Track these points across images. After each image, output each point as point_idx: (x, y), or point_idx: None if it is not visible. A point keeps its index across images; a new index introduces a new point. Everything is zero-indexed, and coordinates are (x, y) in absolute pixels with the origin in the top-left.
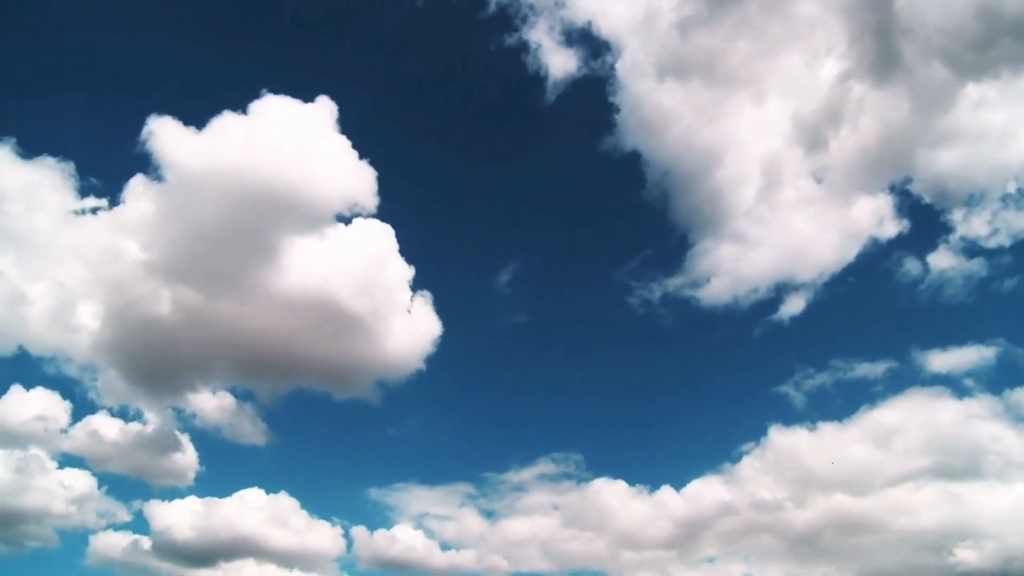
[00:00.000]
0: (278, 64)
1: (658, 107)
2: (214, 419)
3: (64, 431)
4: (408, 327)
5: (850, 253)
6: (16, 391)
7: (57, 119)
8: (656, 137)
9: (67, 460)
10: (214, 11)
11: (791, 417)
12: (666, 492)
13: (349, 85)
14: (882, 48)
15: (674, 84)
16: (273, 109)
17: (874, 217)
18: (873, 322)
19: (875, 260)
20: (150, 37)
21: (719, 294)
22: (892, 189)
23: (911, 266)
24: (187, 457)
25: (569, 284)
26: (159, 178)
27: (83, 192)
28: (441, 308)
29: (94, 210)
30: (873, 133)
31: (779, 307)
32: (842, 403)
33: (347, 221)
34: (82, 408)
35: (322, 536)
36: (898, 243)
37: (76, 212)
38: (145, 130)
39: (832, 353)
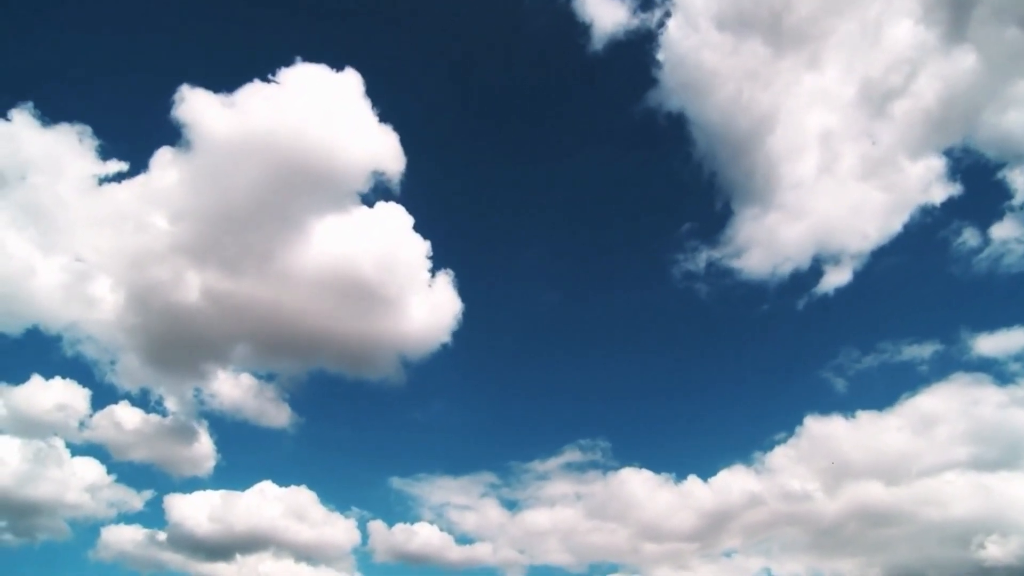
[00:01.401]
0: (307, 30)
1: (709, 65)
2: (235, 403)
3: (82, 421)
4: (431, 304)
5: (903, 223)
6: (36, 379)
7: (80, 85)
8: (704, 97)
9: (83, 450)
10: None
11: (830, 405)
12: (693, 482)
13: (379, 46)
14: (956, 11)
15: (730, 40)
16: (301, 78)
17: (933, 187)
18: (922, 300)
19: (930, 230)
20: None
21: (762, 269)
22: (950, 154)
23: (969, 236)
24: (206, 448)
25: (603, 258)
26: (186, 148)
27: (106, 162)
28: (464, 286)
29: (118, 178)
30: (939, 100)
31: (825, 282)
32: (884, 390)
33: (373, 193)
34: (101, 394)
35: (341, 529)
36: (956, 212)
37: (98, 182)
38: (172, 99)
39: (879, 335)
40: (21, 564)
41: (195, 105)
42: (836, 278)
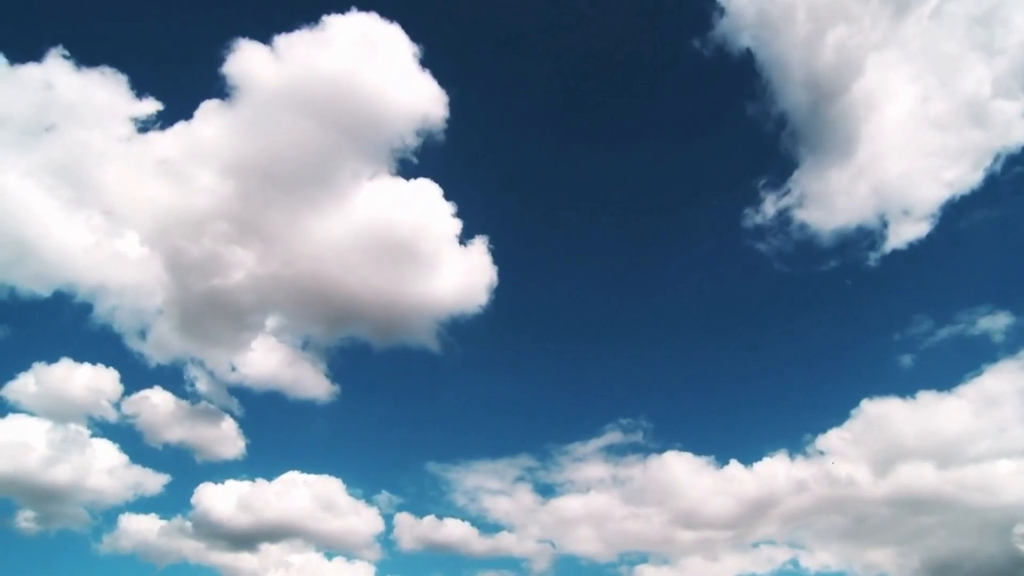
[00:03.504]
0: None
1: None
2: (268, 375)
3: (113, 404)
4: (466, 271)
5: (989, 170)
6: (66, 361)
7: (114, 27)
8: (777, 36)
9: (109, 435)
10: None
11: (890, 385)
12: (735, 467)
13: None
14: None
15: None
16: (348, 26)
17: None
18: (1003, 261)
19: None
20: None
21: (831, 224)
22: None
23: None
24: (234, 435)
25: (652, 221)
26: (227, 100)
27: (143, 113)
28: (501, 253)
29: (154, 129)
30: None
31: (898, 238)
32: (951, 367)
33: (413, 154)
34: (130, 375)
35: (368, 519)
36: None
37: (133, 134)
38: (214, 47)
39: (956, 304)
40: (39, 553)
41: (240, 55)
42: (911, 231)
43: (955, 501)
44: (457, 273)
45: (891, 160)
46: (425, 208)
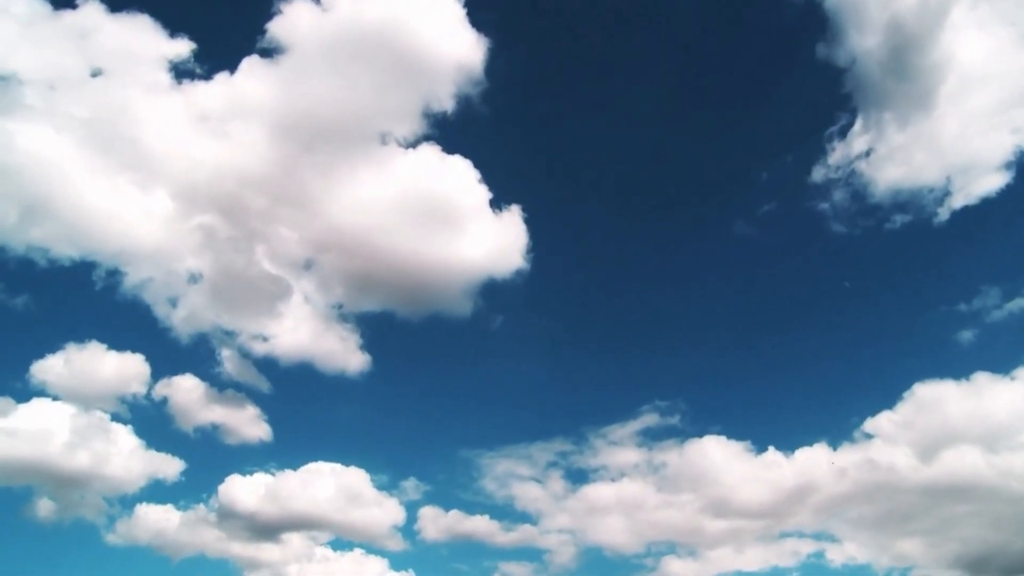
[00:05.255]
0: None
1: None
2: (298, 349)
3: (135, 393)
4: (502, 234)
5: None
6: (94, 344)
7: None
8: None
9: (132, 422)
10: None
11: (945, 368)
12: (773, 454)
13: None
14: None
15: None
16: None
17: None
18: None
19: None
20: None
21: (893, 184)
22: None
23: None
24: (261, 423)
25: (695, 180)
26: (268, 57)
27: (181, 65)
28: (536, 218)
29: (192, 81)
30: None
31: (969, 195)
32: (1013, 346)
33: (451, 112)
34: (158, 360)
35: (391, 510)
36: None
37: (169, 89)
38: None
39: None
40: (55, 543)
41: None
42: (984, 185)
43: (996, 490)
44: (491, 238)
45: (968, 116)
46: (460, 172)
